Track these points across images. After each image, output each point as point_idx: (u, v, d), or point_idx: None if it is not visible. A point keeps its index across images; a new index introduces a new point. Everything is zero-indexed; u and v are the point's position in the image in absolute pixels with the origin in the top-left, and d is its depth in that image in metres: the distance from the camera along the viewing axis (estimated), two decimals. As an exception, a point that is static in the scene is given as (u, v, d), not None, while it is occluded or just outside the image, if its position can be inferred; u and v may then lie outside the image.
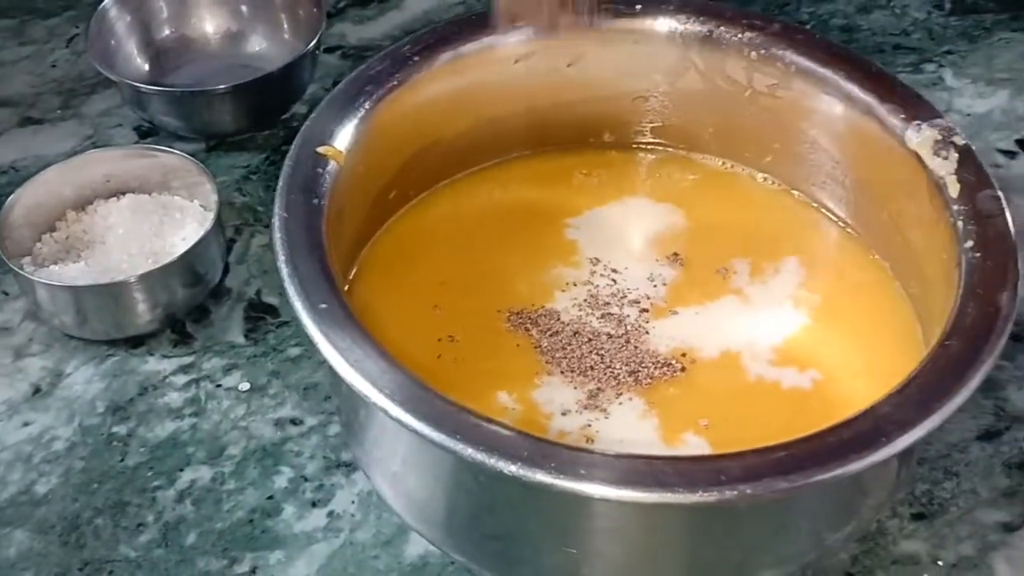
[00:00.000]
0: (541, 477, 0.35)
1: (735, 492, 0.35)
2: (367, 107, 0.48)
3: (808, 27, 0.75)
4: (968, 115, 0.69)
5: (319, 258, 0.41)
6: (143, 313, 0.55)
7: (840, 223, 0.54)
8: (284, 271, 0.40)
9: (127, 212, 0.59)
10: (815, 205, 0.55)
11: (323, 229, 0.43)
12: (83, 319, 0.55)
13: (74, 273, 0.56)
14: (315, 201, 0.43)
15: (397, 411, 0.36)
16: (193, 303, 0.57)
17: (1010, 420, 0.53)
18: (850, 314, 0.51)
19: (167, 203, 0.60)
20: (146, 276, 0.54)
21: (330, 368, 0.39)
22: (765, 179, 0.56)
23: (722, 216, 0.55)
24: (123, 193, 0.60)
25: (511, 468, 0.35)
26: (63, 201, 0.59)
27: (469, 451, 0.35)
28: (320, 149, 0.45)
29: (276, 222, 0.42)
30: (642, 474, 0.35)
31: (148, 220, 0.58)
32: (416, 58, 0.50)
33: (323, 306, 0.39)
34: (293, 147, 0.45)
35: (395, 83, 0.49)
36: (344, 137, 0.47)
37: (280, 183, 0.44)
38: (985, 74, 0.72)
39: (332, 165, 0.45)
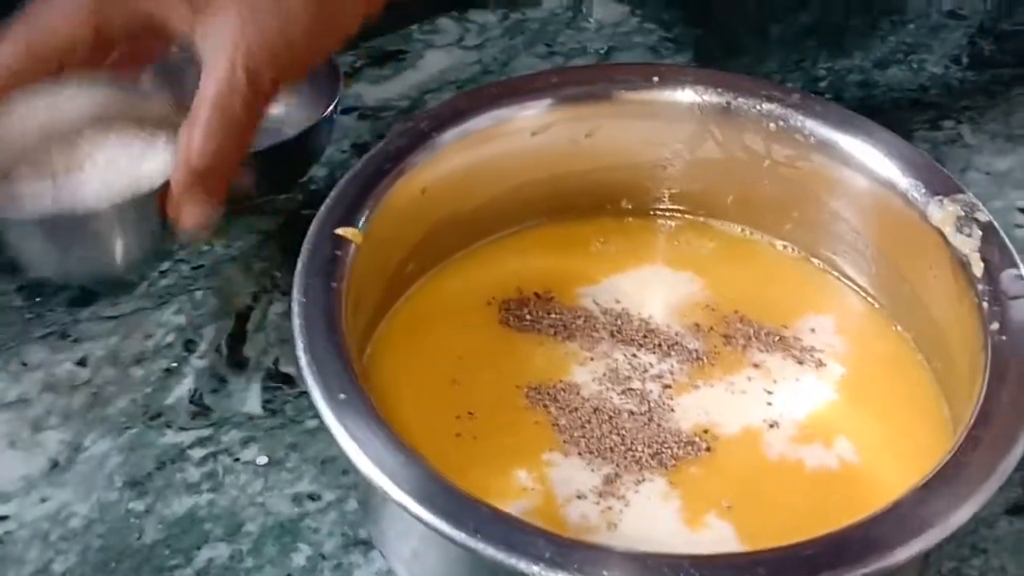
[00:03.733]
0: (563, 578, 0.34)
1: (762, 594, 0.34)
2: (384, 185, 0.48)
3: (825, 83, 0.75)
4: (988, 174, 0.69)
5: (338, 345, 0.41)
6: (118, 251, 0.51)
7: (861, 292, 0.53)
8: (303, 360, 0.40)
9: (107, 143, 0.54)
10: (836, 274, 0.54)
11: (342, 314, 0.42)
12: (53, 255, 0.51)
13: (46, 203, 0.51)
14: (333, 284, 0.43)
15: (416, 508, 0.36)
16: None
17: (1038, 492, 0.52)
18: (874, 388, 0.50)
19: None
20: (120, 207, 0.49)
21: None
22: (785, 247, 0.55)
23: (742, 285, 0.55)
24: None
25: (533, 569, 0.35)
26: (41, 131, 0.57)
27: (490, 551, 0.35)
28: (338, 231, 0.45)
29: (295, 307, 0.42)
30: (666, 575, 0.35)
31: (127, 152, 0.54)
32: (433, 133, 0.50)
33: (342, 397, 0.39)
34: (311, 229, 0.45)
35: (413, 160, 0.49)
36: (362, 217, 0.46)
37: (298, 267, 0.44)
38: (1004, 130, 0.71)
39: (350, 246, 0.45)
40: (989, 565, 0.50)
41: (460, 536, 0.35)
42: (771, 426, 0.48)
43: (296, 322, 0.41)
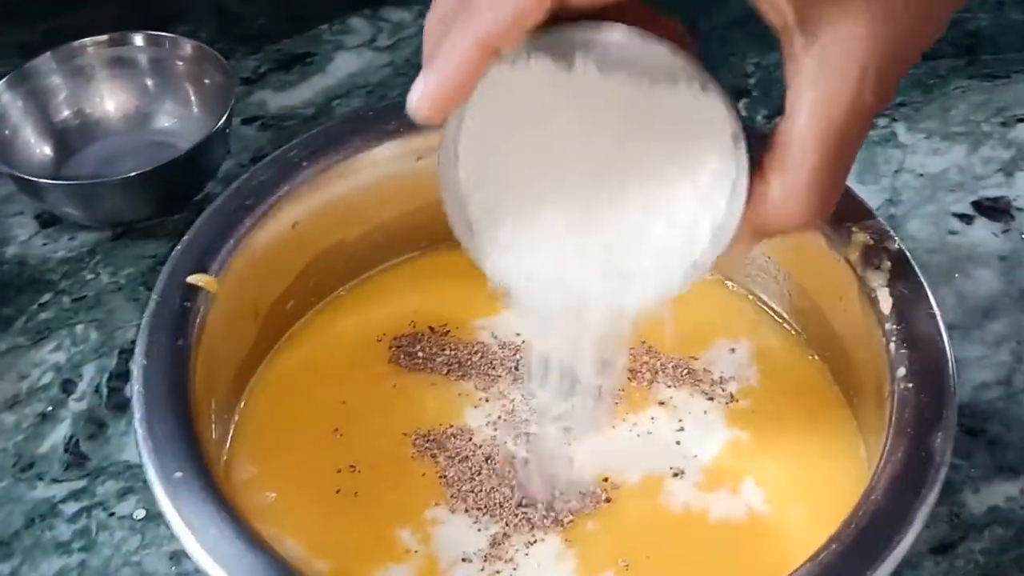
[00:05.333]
0: None
1: None
2: (247, 223, 0.44)
3: (754, 79, 0.71)
4: (921, 175, 0.65)
5: (180, 413, 0.37)
6: None
7: (778, 319, 0.50)
8: (138, 432, 0.36)
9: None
10: (751, 298, 0.51)
11: (189, 375, 0.39)
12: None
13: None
14: (181, 342, 0.39)
15: (252, 607, 0.33)
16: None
17: (965, 529, 0.49)
18: (787, 425, 0.46)
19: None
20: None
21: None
22: (697, 268, 0.52)
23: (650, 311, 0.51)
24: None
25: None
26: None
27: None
28: (190, 279, 0.41)
29: (134, 371, 0.38)
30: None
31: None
32: (304, 163, 0.46)
33: (178, 475, 0.35)
34: (160, 278, 0.41)
35: (281, 193, 0.45)
36: (218, 261, 0.43)
37: (143, 323, 0.40)
38: (940, 128, 0.68)
39: (204, 295, 0.41)
40: (912, 611, 0.47)
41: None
42: (676, 474, 0.44)
43: (135, 388, 0.37)
